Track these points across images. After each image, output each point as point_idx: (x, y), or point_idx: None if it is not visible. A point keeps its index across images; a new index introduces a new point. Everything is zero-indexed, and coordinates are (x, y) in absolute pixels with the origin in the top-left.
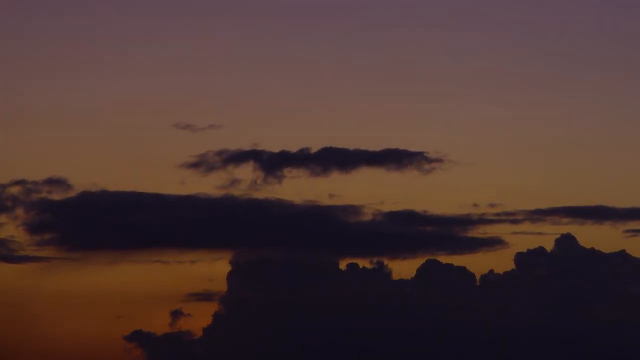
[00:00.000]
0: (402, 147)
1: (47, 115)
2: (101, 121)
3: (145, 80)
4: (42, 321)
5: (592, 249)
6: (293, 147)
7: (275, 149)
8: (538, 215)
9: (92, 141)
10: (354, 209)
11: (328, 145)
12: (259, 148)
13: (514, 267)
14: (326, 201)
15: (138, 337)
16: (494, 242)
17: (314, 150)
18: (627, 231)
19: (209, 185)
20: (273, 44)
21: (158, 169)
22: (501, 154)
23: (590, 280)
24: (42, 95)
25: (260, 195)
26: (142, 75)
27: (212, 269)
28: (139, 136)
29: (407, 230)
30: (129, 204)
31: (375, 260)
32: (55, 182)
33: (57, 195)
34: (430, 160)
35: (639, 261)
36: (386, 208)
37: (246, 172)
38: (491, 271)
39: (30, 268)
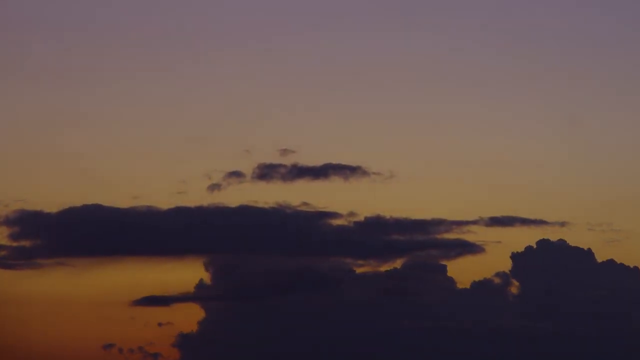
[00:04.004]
0: (343, 162)
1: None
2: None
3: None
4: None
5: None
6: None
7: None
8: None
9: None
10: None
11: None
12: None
13: (490, 270)
14: (301, 207)
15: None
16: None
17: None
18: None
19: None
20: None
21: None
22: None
23: (562, 281)
24: None
25: (233, 203)
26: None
27: (187, 276)
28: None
29: (377, 236)
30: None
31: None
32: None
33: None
34: (369, 174)
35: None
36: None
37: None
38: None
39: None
